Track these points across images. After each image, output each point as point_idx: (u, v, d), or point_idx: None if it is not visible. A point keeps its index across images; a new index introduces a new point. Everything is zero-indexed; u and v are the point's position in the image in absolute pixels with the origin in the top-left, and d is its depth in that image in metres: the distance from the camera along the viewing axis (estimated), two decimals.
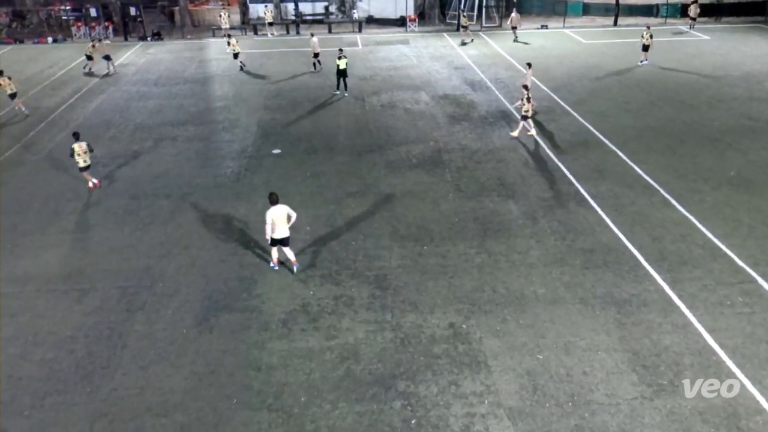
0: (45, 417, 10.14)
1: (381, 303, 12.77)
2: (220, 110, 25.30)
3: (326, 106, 25.36)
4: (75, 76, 31.23)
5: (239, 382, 10.78)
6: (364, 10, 43.61)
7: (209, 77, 30.62)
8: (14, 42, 39.88)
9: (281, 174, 18.93)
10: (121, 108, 25.91)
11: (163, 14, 45.88)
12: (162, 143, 21.78)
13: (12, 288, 13.55)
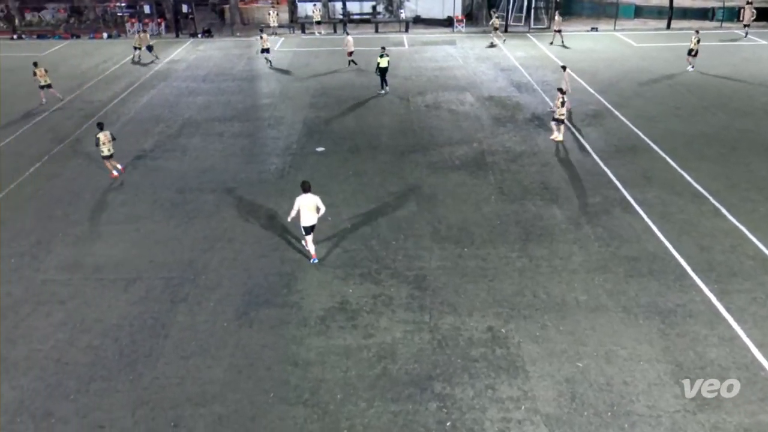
0: (89, 402, 10.45)
1: (419, 303, 12.76)
2: (266, 107, 25.63)
3: (371, 106, 25.44)
4: (128, 71, 32.05)
5: (277, 377, 10.90)
6: (411, 10, 43.59)
7: (256, 74, 31.04)
8: (71, 37, 41.18)
9: (324, 172, 19.07)
10: (170, 103, 26.48)
11: (213, 12, 46.72)
12: (209, 138, 22.18)
13: (62, 275, 13.99)
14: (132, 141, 22.03)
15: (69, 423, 10.03)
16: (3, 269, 14.24)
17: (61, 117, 24.82)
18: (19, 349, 11.69)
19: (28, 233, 15.78)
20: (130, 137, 22.41)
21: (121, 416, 10.15)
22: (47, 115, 24.94)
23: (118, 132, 22.85)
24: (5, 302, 13.07)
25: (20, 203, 17.41)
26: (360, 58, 32.69)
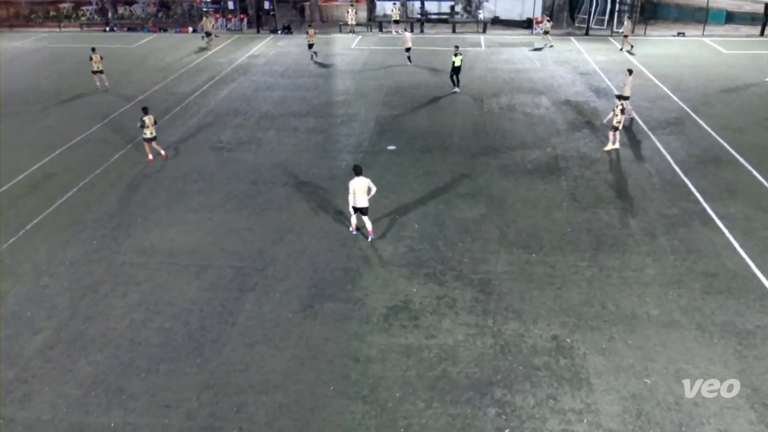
0: (158, 381, 10.87)
1: (483, 307, 12.63)
2: (340, 104, 25.94)
3: (444, 106, 25.33)
4: (210, 65, 33.10)
5: (337, 371, 11.03)
6: (490, 11, 43.13)
7: (333, 72, 31.45)
8: (159, 30, 42.90)
9: (395, 170, 19.13)
10: (248, 97, 27.19)
11: (294, 9, 47.63)
12: (284, 133, 22.64)
13: (139, 259, 14.61)
14: (210, 132, 22.75)
15: (138, 400, 10.47)
16: (86, 250, 14.99)
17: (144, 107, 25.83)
18: (96, 326, 12.29)
19: (110, 217, 16.55)
20: (209, 128, 23.14)
21: (186, 398, 10.51)
22: (131, 106, 26.06)
23: (198, 123, 23.71)
24: (86, 281, 13.76)
25: (104, 188, 18.28)
26: (436, 59, 32.64)
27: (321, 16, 45.39)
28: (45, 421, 10.08)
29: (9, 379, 10.97)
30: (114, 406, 10.36)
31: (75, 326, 12.31)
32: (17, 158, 20.44)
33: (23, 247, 15.16)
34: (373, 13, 44.42)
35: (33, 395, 10.62)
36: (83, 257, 14.69)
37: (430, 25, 42.45)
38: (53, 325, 12.36)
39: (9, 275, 14.00)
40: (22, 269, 14.23)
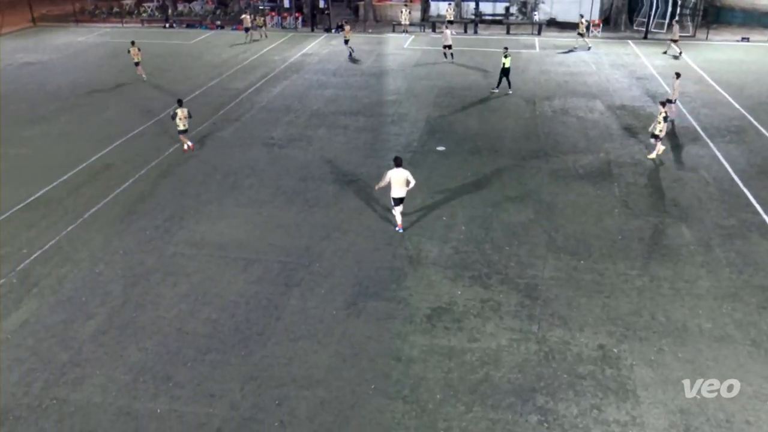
0: (204, 370, 11.11)
1: (528, 313, 12.47)
2: (390, 104, 25.98)
3: (495, 108, 25.11)
4: (264, 62, 33.61)
5: (379, 369, 11.06)
6: (545, 13, 42.51)
7: (384, 71, 31.52)
8: (216, 28, 43.79)
9: (443, 171, 19.06)
10: (300, 94, 27.50)
11: (348, 8, 47.93)
12: (334, 131, 22.81)
13: (190, 250, 14.95)
14: (262, 128, 23.11)
15: (184, 388, 10.72)
16: (140, 239, 15.43)
17: (201, 102, 26.46)
18: (147, 314, 12.63)
19: (164, 208, 16.99)
20: (261, 125, 23.51)
21: (230, 388, 10.71)
22: (188, 101, 26.66)
23: (251, 119, 24.11)
24: (139, 270, 14.16)
25: (159, 179, 18.78)
26: (489, 60, 32.38)
27: (375, 16, 45.55)
28: (95, 404, 10.42)
29: (63, 361, 11.39)
30: (161, 393, 10.63)
31: (126, 313, 12.69)
32: (79, 148, 21.19)
33: (81, 234, 15.71)
34: (427, 13, 44.34)
35: (85, 378, 10.99)
36: (137, 246, 15.13)
37: (484, 26, 42.11)
38: (106, 311, 12.77)
39: (67, 261, 14.53)
40: (79, 256, 14.75)
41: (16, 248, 15.07)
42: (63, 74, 31.74)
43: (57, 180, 18.73)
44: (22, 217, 16.56)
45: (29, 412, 10.27)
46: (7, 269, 14.22)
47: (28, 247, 15.09)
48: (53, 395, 10.62)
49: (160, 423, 10.03)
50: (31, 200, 17.50)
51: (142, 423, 10.04)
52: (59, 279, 13.86)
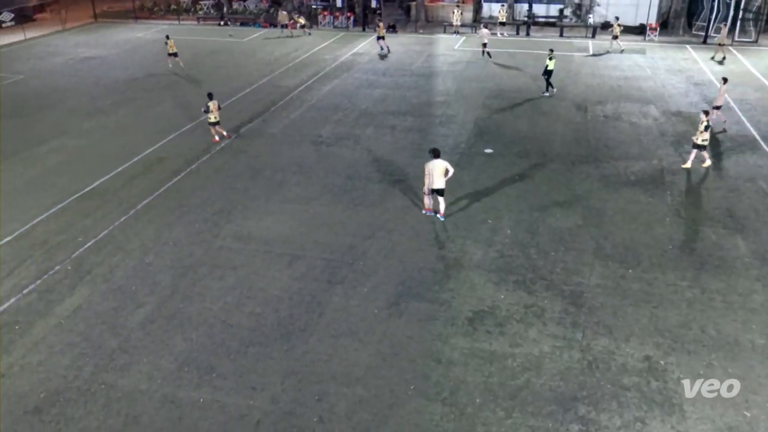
0: (246, 363, 11.29)
1: (573, 320, 12.26)
2: (439, 105, 25.91)
3: (546, 111, 24.77)
4: (315, 61, 33.94)
5: (419, 370, 11.04)
6: (600, 16, 41.70)
7: (434, 72, 31.44)
8: (269, 26, 44.44)
9: (490, 173, 18.91)
10: (350, 93, 27.67)
11: (400, 8, 47.98)
12: (382, 130, 22.87)
13: (237, 244, 15.21)
14: (311, 126, 23.33)
15: (227, 379, 10.92)
16: (189, 232, 15.78)
17: (252, 99, 26.90)
18: (193, 306, 12.91)
19: (213, 202, 17.33)
20: (310, 123, 23.74)
21: (271, 382, 10.85)
22: (240, 97, 27.16)
23: (300, 117, 24.38)
24: (187, 262, 14.48)
25: (209, 174, 19.17)
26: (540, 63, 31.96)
27: (426, 16, 45.47)
28: (141, 391, 10.70)
29: (112, 347, 11.74)
30: (204, 383, 10.85)
31: (174, 303, 12.99)
32: (134, 141, 21.80)
33: (133, 225, 16.16)
34: (479, 14, 44.02)
35: (132, 365, 11.30)
36: (186, 239, 15.47)
37: (536, 28, 41.58)
38: (155, 300, 13.11)
39: (119, 250, 14.97)
40: (130, 246, 15.18)
41: (71, 236, 15.60)
42: (121, 69, 32.71)
43: (113, 171, 19.32)
44: (79, 207, 17.13)
45: (79, 395, 10.62)
46: (63, 256, 14.73)
47: (83, 236, 15.61)
48: (102, 380, 10.95)
49: (202, 412, 10.24)
50: (87, 190, 18.09)
51: (186, 411, 10.26)
52: (111, 268, 14.29)
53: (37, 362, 11.39)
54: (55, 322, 12.45)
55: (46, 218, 16.51)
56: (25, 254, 14.84)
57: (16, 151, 21.27)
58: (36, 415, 10.25)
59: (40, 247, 15.16)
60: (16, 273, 14.09)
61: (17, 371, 11.18)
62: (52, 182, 18.69)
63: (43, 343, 11.88)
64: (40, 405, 10.44)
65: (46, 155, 20.88)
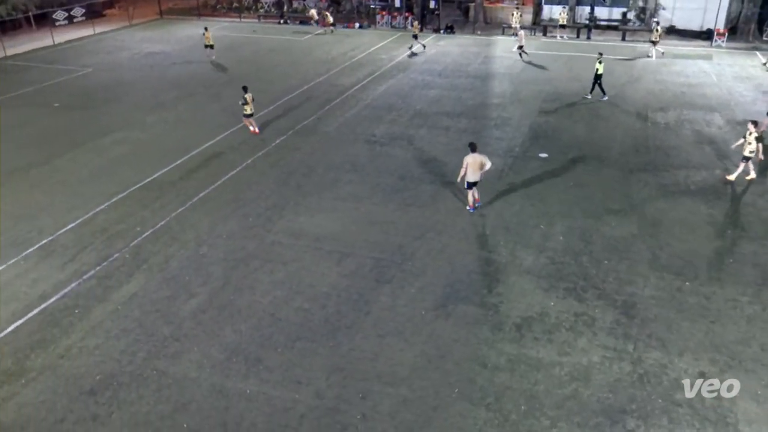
0: (292, 357, 11.44)
1: (624, 331, 11.96)
2: (495, 107, 25.66)
3: (604, 116, 24.23)
4: (372, 60, 34.09)
5: (464, 374, 10.97)
6: (665, 20, 40.53)
7: (490, 74, 31.16)
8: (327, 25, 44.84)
9: (544, 178, 18.63)
10: (405, 93, 27.68)
11: (458, 9, 47.74)
12: (435, 131, 22.81)
13: (288, 240, 15.42)
14: (365, 125, 23.46)
15: (273, 372, 11.08)
16: (242, 225, 16.09)
17: (308, 97, 27.21)
18: (244, 298, 13.16)
19: (267, 197, 17.62)
20: (364, 122, 23.87)
21: (317, 377, 10.96)
22: (296, 95, 27.52)
23: (355, 116, 24.54)
24: (239, 254, 14.77)
25: (264, 169, 19.49)
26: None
27: (485, 18, 45.11)
28: (191, 379, 10.97)
29: (165, 335, 12.07)
30: (251, 375, 11.04)
31: (225, 295, 13.27)
32: (193, 135, 22.37)
33: (189, 216, 16.57)
34: (539, 16, 43.39)
35: (183, 353, 11.59)
36: (239, 232, 15.78)
37: (598, 31, 40.73)
38: (207, 291, 13.42)
39: (175, 241, 15.38)
40: (186, 237, 15.57)
41: (131, 225, 16.12)
42: (183, 64, 33.59)
43: (172, 164, 19.87)
44: (139, 197, 17.68)
45: (131, 380, 10.97)
46: (122, 244, 15.23)
47: (141, 225, 16.10)
48: (154, 366, 11.28)
49: (248, 403, 10.43)
50: (147, 181, 18.65)
51: (232, 401, 10.47)
52: (167, 257, 14.69)
53: (93, 345, 11.81)
54: (112, 308, 12.89)
55: (107, 207, 17.10)
56: (86, 241, 15.41)
57: (83, 141, 22.11)
58: (91, 396, 10.64)
59: (100, 234, 15.72)
60: (77, 259, 14.65)
61: (75, 353, 11.63)
62: (115, 172, 19.35)
63: (100, 327, 12.32)
64: (95, 387, 10.83)
65: (111, 146, 21.64)
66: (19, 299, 13.18)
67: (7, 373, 11.16)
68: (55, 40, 39.21)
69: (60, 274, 14.07)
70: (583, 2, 41.96)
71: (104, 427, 10.02)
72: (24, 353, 11.63)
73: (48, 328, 12.31)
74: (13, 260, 14.62)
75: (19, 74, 31.91)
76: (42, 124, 24.16)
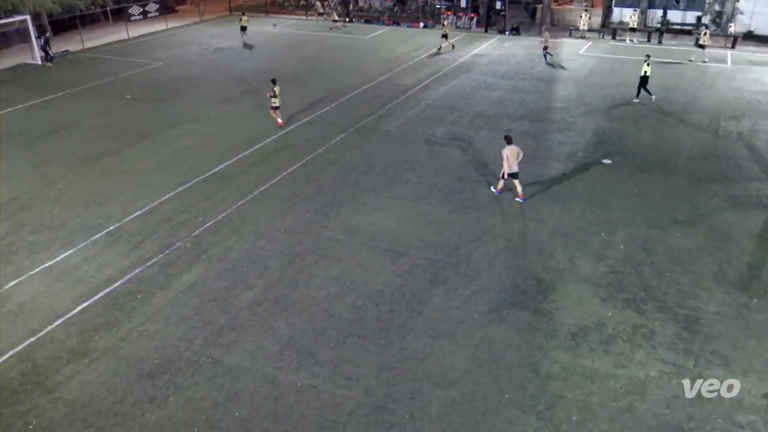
0: (344, 353, 11.52)
1: (685, 347, 11.55)
2: (558, 110, 25.19)
3: (672, 124, 23.44)
4: (435, 61, 34.00)
5: (515, 380, 10.83)
6: (743, 25, 38.87)
7: (555, 77, 30.60)
8: (392, 24, 45.02)
9: (606, 185, 18.17)
10: (467, 95, 27.49)
11: (525, 10, 47.07)
12: (496, 133, 22.55)
13: (344, 236, 15.55)
14: (426, 125, 23.41)
15: (324, 366, 11.20)
16: (300, 221, 16.32)
17: (370, 96, 27.36)
18: (298, 292, 13.34)
19: (325, 193, 17.81)
20: (425, 122, 23.82)
21: (366, 374, 11.02)
22: (358, 93, 27.71)
23: (416, 115, 24.54)
24: (296, 249, 14.98)
25: (324, 166, 19.71)
26: (670, 72, 30.36)
27: (552, 19, 44.32)
28: (244, 369, 11.20)
29: (221, 324, 12.36)
30: (302, 368, 11.19)
31: (281, 288, 13.49)
32: (255, 130, 22.82)
33: (249, 209, 16.92)
34: (608, 19, 42.33)
35: (238, 343, 11.85)
36: (296, 227, 16.01)
37: (670, 35, 39.43)
38: (263, 283, 13.67)
39: (234, 233, 15.73)
40: (245, 229, 15.91)
41: (193, 216, 16.58)
42: (249, 60, 34.30)
43: (234, 158, 20.32)
44: (202, 189, 18.17)
45: (188, 366, 11.28)
46: (184, 234, 15.68)
47: (203, 216, 16.54)
48: (209, 354, 11.57)
49: (298, 396, 10.57)
50: (210, 174, 19.14)
51: (283, 393, 10.64)
52: (226, 249, 15.04)
53: (153, 330, 12.21)
54: (172, 295, 13.29)
55: (172, 197, 17.63)
56: (151, 229, 15.94)
57: (152, 132, 22.88)
58: (149, 379, 10.99)
59: (164, 223, 16.22)
60: (142, 246, 15.17)
61: (136, 337, 12.05)
62: (180, 164, 19.94)
63: (160, 313, 12.72)
64: (153, 371, 11.19)
65: (177, 138, 22.31)
66: (86, 282, 13.75)
67: (72, 351, 11.66)
68: (130, 34, 40.69)
69: (125, 260, 14.60)
70: (655, 5, 40.70)
71: (160, 409, 10.35)
72: (89, 334, 12.12)
73: (112, 311, 12.80)
74: (82, 245, 15.26)
75: (96, 66, 33.27)
76: (115, 114, 25.12)
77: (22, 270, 14.23)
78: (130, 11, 43.28)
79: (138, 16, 43.91)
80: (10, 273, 14.12)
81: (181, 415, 10.24)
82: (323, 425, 10.01)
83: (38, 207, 17.20)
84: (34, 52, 34.01)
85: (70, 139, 22.38)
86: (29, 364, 11.37)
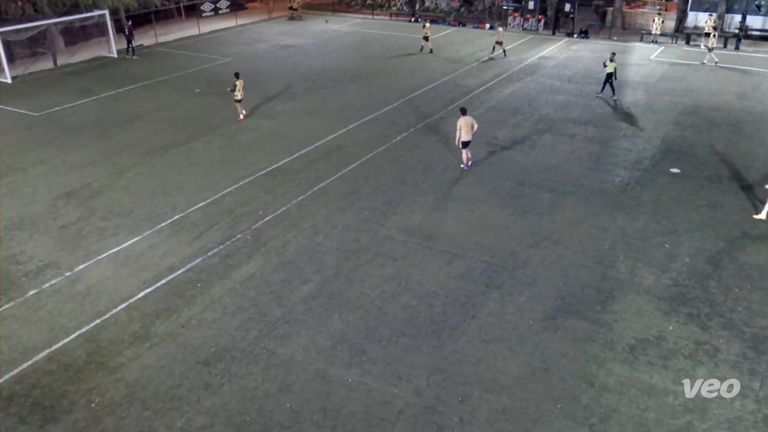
0: (395, 352, 11.55)
1: (751, 367, 11.07)
2: (625, 116, 24.51)
3: (748, 134, 22.45)
4: (500, 62, 33.62)
5: (568, 390, 10.61)
6: None
7: (623, 81, 29.75)
8: (458, 24, 44.77)
9: (673, 195, 17.58)
10: (531, 97, 27.07)
11: (595, 13, 45.98)
12: (559, 138, 22.14)
13: (401, 236, 15.57)
14: (488, 128, 23.16)
15: (376, 364, 11.25)
16: (357, 218, 16.43)
17: (433, 96, 27.29)
18: (353, 289, 13.44)
19: (383, 192, 17.88)
20: (488, 124, 23.57)
21: (417, 375, 11.01)
22: (420, 93, 27.67)
23: (478, 117, 24.22)
24: (353, 246, 15.10)
25: (383, 165, 19.79)
26: (748, 80, 29.10)
27: (623, 23, 43.16)
28: (297, 362, 11.37)
29: (276, 316, 12.58)
30: (354, 365, 11.27)
31: (336, 284, 13.62)
32: (318, 127, 23.11)
33: (308, 205, 17.15)
34: (683, 23, 40.88)
35: (292, 336, 12.04)
36: (354, 224, 16.13)
37: (748, 42, 37.79)
38: (319, 278, 13.83)
39: (293, 228, 15.98)
40: (304, 224, 16.14)
41: (254, 209, 16.92)
42: (315, 58, 34.76)
43: (296, 153, 20.64)
44: (264, 183, 18.53)
45: (243, 355, 11.53)
46: (244, 226, 16.03)
47: (263, 210, 16.87)
48: (264, 345, 11.79)
49: (349, 392, 10.66)
50: (272, 168, 19.51)
51: (334, 388, 10.74)
52: (284, 243, 15.30)
53: (211, 319, 12.54)
54: (231, 286, 13.61)
55: (234, 190, 18.06)
56: (213, 220, 16.36)
57: (218, 126, 23.49)
58: (205, 366, 11.29)
59: (226, 215, 16.63)
60: (204, 236, 15.59)
61: (195, 324, 12.40)
62: (244, 158, 20.39)
63: (218, 303, 13.05)
64: (210, 358, 11.49)
65: (242, 132, 22.82)
66: (150, 269, 14.23)
67: (135, 335, 12.10)
68: (201, 30, 41.88)
69: (187, 249, 15.04)
70: (734, 10, 39.06)
71: (215, 396, 10.62)
72: (150, 319, 12.55)
73: (173, 298, 13.21)
74: (147, 232, 15.81)
75: (168, 61, 34.39)
76: (183, 107, 25.91)
77: (91, 254, 14.85)
78: (202, 8, 44.51)
79: (209, 12, 45.12)
80: (80, 256, 14.76)
81: (234, 402, 10.48)
82: (372, 422, 10.05)
83: (108, 194, 17.92)
84: (111, 45, 35.42)
85: (141, 129, 23.21)
86: (94, 344, 11.86)
